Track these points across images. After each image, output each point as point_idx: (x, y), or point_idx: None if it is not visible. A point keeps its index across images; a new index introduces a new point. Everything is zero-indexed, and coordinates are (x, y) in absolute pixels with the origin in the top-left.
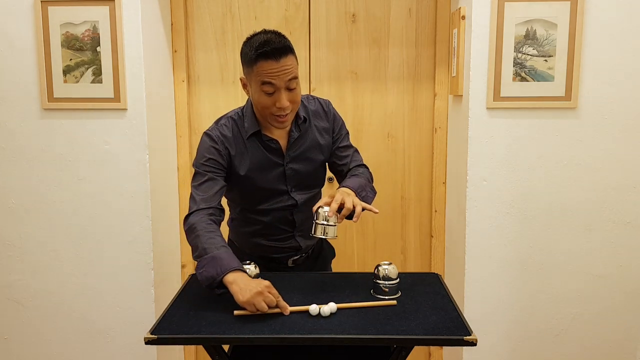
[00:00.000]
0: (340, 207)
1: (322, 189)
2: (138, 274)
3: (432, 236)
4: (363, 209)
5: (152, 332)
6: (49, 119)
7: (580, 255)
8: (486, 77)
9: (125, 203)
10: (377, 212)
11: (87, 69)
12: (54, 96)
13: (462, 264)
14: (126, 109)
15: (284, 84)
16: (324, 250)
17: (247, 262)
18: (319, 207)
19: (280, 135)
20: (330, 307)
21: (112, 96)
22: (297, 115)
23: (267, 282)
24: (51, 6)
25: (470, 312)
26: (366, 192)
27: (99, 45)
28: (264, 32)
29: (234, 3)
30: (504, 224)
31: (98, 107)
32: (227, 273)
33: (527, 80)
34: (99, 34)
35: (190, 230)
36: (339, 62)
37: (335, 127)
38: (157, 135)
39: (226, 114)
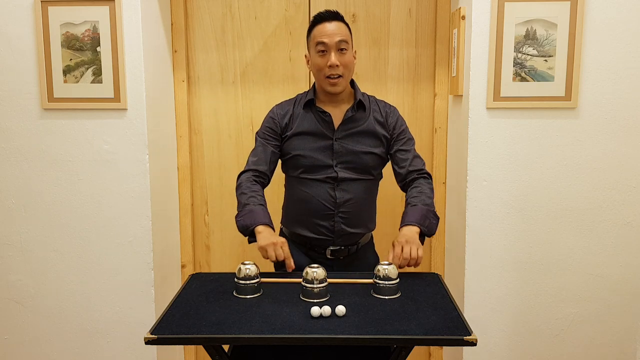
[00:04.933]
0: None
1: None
2: (138, 274)
3: None
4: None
5: (152, 332)
6: (49, 119)
7: (580, 255)
8: (486, 77)
9: (125, 203)
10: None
11: (87, 69)
12: (54, 96)
13: (462, 264)
14: (126, 109)
15: (335, 44)
16: (368, 258)
17: (248, 262)
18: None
19: (335, 112)
20: (339, 309)
21: (112, 96)
22: (359, 102)
23: (283, 239)
24: (51, 6)
25: (470, 312)
26: (429, 221)
27: (99, 45)
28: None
29: (234, 3)
30: (504, 224)
31: (98, 107)
32: (258, 225)
33: (527, 80)
34: (99, 34)
35: (238, 186)
36: None
37: (392, 127)
38: (157, 135)
39: None
